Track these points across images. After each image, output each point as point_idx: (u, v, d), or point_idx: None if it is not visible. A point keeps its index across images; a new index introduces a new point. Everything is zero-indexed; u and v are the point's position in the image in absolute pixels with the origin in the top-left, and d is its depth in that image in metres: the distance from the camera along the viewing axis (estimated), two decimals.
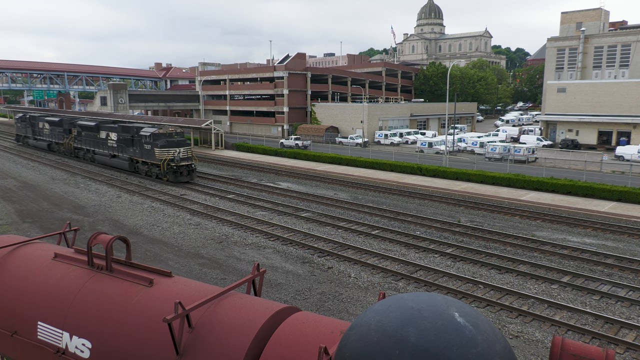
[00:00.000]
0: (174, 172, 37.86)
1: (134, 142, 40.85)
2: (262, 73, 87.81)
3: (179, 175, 38.07)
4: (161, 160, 37.90)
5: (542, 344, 13.93)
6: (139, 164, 41.20)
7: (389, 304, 3.24)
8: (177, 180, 38.03)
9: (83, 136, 50.00)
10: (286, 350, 4.51)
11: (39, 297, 6.23)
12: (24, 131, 65.80)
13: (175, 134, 39.64)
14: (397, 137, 71.40)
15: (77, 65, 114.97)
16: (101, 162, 47.09)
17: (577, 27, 75.78)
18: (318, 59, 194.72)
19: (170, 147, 38.12)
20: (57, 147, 56.89)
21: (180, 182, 38.26)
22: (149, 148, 38.85)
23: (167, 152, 37.93)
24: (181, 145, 38.94)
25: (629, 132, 60.57)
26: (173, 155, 37.96)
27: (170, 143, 38.31)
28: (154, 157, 38.50)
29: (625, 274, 19.17)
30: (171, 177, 37.97)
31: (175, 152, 38.09)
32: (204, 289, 5.69)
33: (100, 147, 46.34)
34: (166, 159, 37.70)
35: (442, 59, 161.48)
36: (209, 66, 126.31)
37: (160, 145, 38.00)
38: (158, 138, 38.47)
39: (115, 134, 43.53)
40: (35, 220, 27.12)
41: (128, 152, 41.93)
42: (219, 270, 19.59)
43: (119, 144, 43.05)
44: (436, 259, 21.01)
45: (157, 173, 39.22)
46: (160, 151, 37.89)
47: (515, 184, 35.41)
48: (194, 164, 39.36)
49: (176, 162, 37.77)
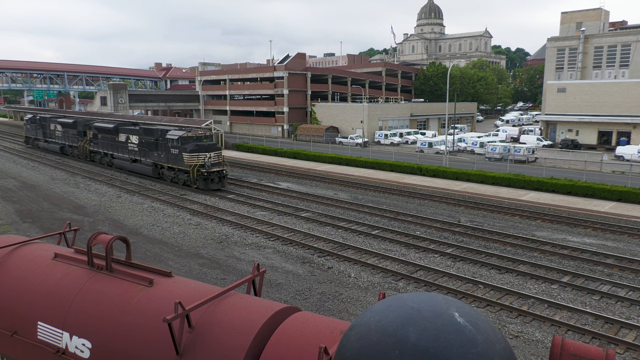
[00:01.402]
0: (205, 179, 34.79)
1: (158, 145, 37.80)
2: (262, 73, 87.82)
3: (210, 183, 34.96)
4: (190, 166, 34.81)
5: (542, 344, 13.94)
6: (164, 169, 38.19)
7: (389, 304, 3.24)
8: (207, 188, 34.92)
9: (100, 139, 46.72)
10: (286, 350, 4.51)
11: (39, 297, 6.23)
12: (33, 133, 62.60)
13: (204, 137, 36.61)
14: (397, 137, 71.41)
15: (77, 65, 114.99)
16: (120, 167, 43.96)
17: (577, 27, 75.79)
18: (318, 59, 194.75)
19: (200, 152, 34.94)
20: (71, 150, 53.77)
21: (211, 189, 35.20)
22: (176, 153, 35.82)
23: (197, 157, 34.83)
24: (212, 149, 35.58)
25: (629, 132, 60.58)
26: (203, 160, 34.87)
27: (200, 147, 35.10)
28: (181, 163, 35.44)
29: (625, 274, 19.17)
30: (201, 185, 34.79)
31: (205, 157, 34.99)
32: (204, 289, 5.69)
33: (120, 151, 43.09)
34: (196, 165, 34.65)
35: (442, 59, 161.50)
36: (208, 66, 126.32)
37: (189, 149, 34.83)
38: (187, 142, 35.37)
39: (137, 137, 40.43)
40: (35, 220, 27.12)
41: (151, 157, 38.84)
42: (219, 270, 19.60)
43: (140, 148, 40.02)
44: (436, 259, 21.02)
45: (185, 180, 36.18)
46: (190, 156, 34.84)
47: (515, 184, 35.41)
48: (226, 170, 36.27)
49: (207, 168, 34.73)
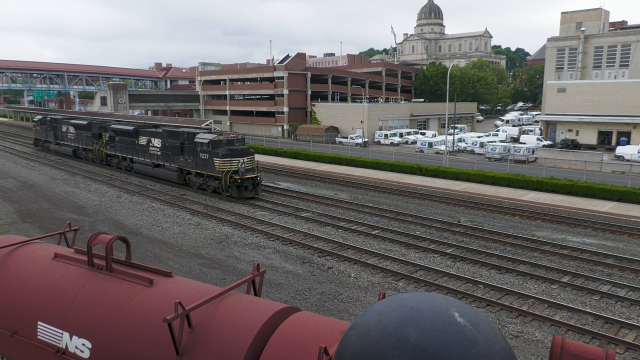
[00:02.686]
0: (238, 187, 32.09)
1: (185, 149, 35.28)
2: (262, 73, 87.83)
3: (243, 190, 32.23)
4: (222, 172, 32.19)
5: (542, 344, 13.94)
6: (191, 175, 35.53)
7: (389, 304, 3.24)
8: (240, 196, 32.24)
9: (117, 142, 43.83)
10: (286, 350, 4.51)
11: (39, 297, 6.23)
12: (44, 135, 59.52)
13: (236, 141, 33.81)
14: (397, 137, 71.43)
15: (77, 65, 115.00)
16: (141, 172, 41.21)
17: (577, 27, 75.81)
18: (318, 59, 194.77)
19: (233, 157, 32.31)
20: (85, 153, 50.83)
21: (244, 198, 32.51)
22: (205, 158, 33.17)
23: (230, 163, 32.21)
24: (245, 154, 33.05)
25: (629, 132, 60.59)
26: (237, 166, 32.34)
27: (233, 152, 32.45)
28: (212, 169, 32.85)
29: (625, 274, 19.17)
30: (234, 193, 32.08)
31: (238, 162, 32.44)
32: (204, 289, 5.69)
33: (140, 155, 40.44)
34: (229, 171, 32.07)
35: (442, 59, 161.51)
36: (209, 66, 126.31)
37: (221, 154, 32.10)
38: (218, 146, 32.68)
39: (159, 140, 37.98)
40: (35, 220, 27.12)
41: (177, 162, 36.24)
42: (219, 270, 19.60)
43: (164, 152, 37.45)
44: (436, 259, 21.01)
45: (215, 187, 33.55)
46: (222, 162, 32.15)
47: (515, 184, 35.41)
48: (260, 177, 33.56)
49: (241, 175, 32.08)
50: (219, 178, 32.77)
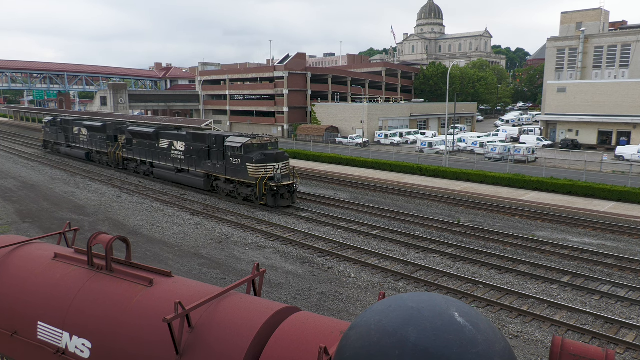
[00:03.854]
0: (274, 195, 29.73)
1: (212, 154, 32.89)
2: (262, 73, 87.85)
3: (279, 199, 29.86)
4: (256, 179, 29.84)
5: (542, 344, 13.94)
6: (220, 181, 33.22)
7: (389, 304, 3.24)
8: (277, 205, 29.89)
9: (135, 145, 41.37)
10: (286, 350, 4.51)
11: (39, 297, 6.23)
12: (54, 137, 56.95)
13: (269, 145, 31.47)
14: (397, 137, 71.44)
15: (77, 65, 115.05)
16: (162, 177, 38.82)
17: (577, 27, 75.82)
18: (318, 59, 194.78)
19: (268, 162, 29.88)
20: (99, 157, 48.20)
21: (280, 206, 30.11)
22: (237, 163, 30.79)
23: (265, 169, 29.78)
24: (280, 159, 30.58)
25: (629, 132, 60.59)
26: (272, 172, 29.87)
27: (268, 157, 29.99)
28: (244, 175, 30.50)
29: (625, 274, 19.17)
30: (270, 201, 29.77)
31: (274, 168, 30.00)
32: (204, 289, 5.69)
33: (161, 159, 38.10)
34: (263, 178, 29.72)
35: (442, 59, 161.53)
36: (209, 66, 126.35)
37: (255, 159, 29.71)
38: (251, 150, 30.40)
39: (183, 144, 35.56)
40: (35, 220, 27.13)
41: (203, 167, 33.84)
42: (219, 270, 19.60)
43: (188, 156, 35.10)
44: (436, 259, 21.02)
45: (248, 195, 31.17)
46: (256, 167, 29.77)
47: (515, 184, 35.41)
48: (296, 183, 31.35)
49: (277, 182, 29.69)
50: (252, 185, 30.47)
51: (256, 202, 30.59)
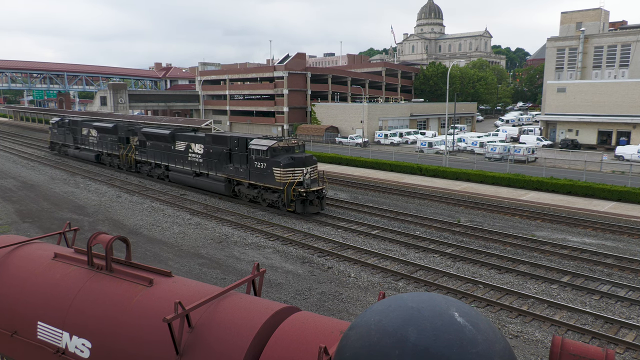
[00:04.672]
0: (303, 201, 28.04)
1: (234, 157, 31.22)
2: (262, 73, 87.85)
3: (308, 205, 28.17)
4: (284, 184, 28.12)
5: (542, 344, 13.94)
6: (242, 186, 31.44)
7: (388, 304, 3.24)
8: (305, 212, 28.19)
9: (149, 147, 39.71)
10: (286, 350, 4.51)
11: (38, 297, 6.23)
12: (62, 138, 55.12)
13: (297, 147, 29.76)
14: (397, 137, 71.46)
15: (77, 65, 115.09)
16: (178, 181, 36.95)
17: (577, 27, 75.83)
18: (318, 59, 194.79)
19: (297, 167, 28.18)
20: (110, 159, 46.43)
21: (310, 213, 28.45)
22: (262, 167, 29.10)
23: (293, 174, 28.08)
24: (308, 163, 28.86)
25: (629, 132, 60.60)
26: (301, 177, 28.20)
27: (296, 161, 28.34)
28: (270, 180, 28.81)
29: (625, 274, 19.18)
30: (298, 208, 27.98)
31: (302, 172, 28.24)
32: (204, 289, 5.69)
33: (177, 163, 36.43)
34: (292, 183, 28.01)
35: (442, 59, 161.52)
36: (208, 66, 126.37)
37: (283, 163, 28.00)
38: (278, 154, 28.73)
39: (201, 146, 33.92)
40: (35, 220, 27.13)
41: (224, 171, 32.11)
42: (218, 270, 19.60)
43: (207, 160, 33.37)
44: (436, 259, 21.02)
45: (274, 201, 29.45)
46: (283, 172, 28.00)
47: (515, 184, 35.42)
48: (325, 189, 29.40)
49: (306, 187, 27.94)
50: (279, 190, 28.73)
51: (283, 209, 28.97)
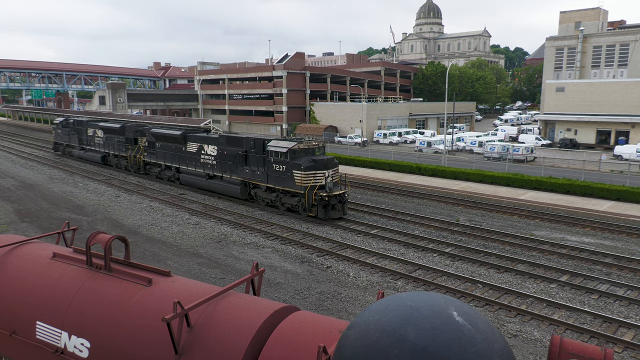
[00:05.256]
0: (325, 206, 26.66)
1: (250, 159, 30.01)
2: (261, 72, 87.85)
3: (331, 210, 26.82)
4: (304, 187, 26.77)
5: (540, 343, 13.96)
6: (260, 190, 30.13)
7: (387, 303, 3.24)
8: (328, 217, 26.77)
9: (158, 148, 38.57)
10: (285, 349, 4.51)
11: (37, 296, 6.22)
12: (66, 139, 53.64)
13: (317, 149, 28.49)
14: (396, 136, 71.50)
15: (76, 65, 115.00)
16: (190, 183, 35.82)
17: (575, 26, 75.87)
18: (317, 59, 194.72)
19: (318, 170, 26.88)
20: (117, 160, 45.08)
21: (332, 219, 27.00)
22: (281, 170, 27.83)
23: (314, 177, 26.79)
24: (330, 165, 27.56)
25: (628, 132, 60.68)
26: (323, 181, 26.91)
27: (318, 163, 26.98)
28: (290, 183, 27.46)
29: (624, 273, 19.21)
30: (320, 213, 26.69)
31: (324, 176, 26.98)
32: (203, 289, 5.69)
33: (189, 164, 35.14)
34: (314, 187, 26.64)
35: (441, 59, 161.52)
36: (207, 65, 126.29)
37: (304, 166, 26.67)
38: (299, 156, 27.43)
39: (215, 148, 32.64)
40: (33, 220, 27.10)
41: (240, 173, 30.87)
42: (217, 269, 19.59)
43: (221, 162, 32.15)
44: (435, 258, 21.03)
45: (293, 205, 28.11)
46: (304, 175, 26.70)
47: (514, 183, 35.45)
48: (348, 193, 28.45)
49: (328, 192, 26.61)
50: (298, 194, 27.47)
51: (303, 214, 27.63)
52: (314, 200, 26.69)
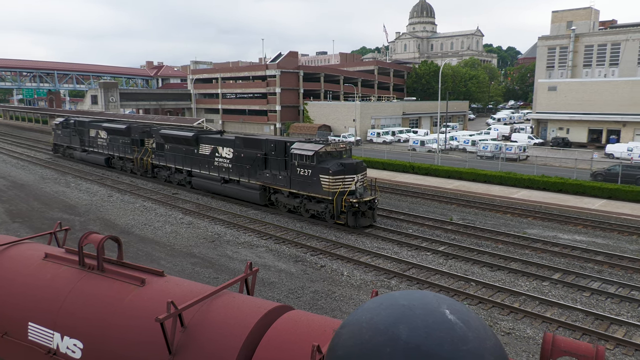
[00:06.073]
0: (355, 213, 24.87)
1: (271, 162, 28.24)
2: (254, 71, 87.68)
3: (360, 217, 25.06)
4: (332, 193, 24.91)
5: (533, 341, 14.05)
6: (281, 195, 28.29)
7: (380, 301, 3.25)
8: (358, 225, 24.99)
9: (168, 150, 36.64)
10: (279, 348, 4.51)
11: (29, 297, 6.18)
12: (66, 140, 51.56)
13: (344, 152, 26.72)
14: (390, 135, 71.59)
15: (68, 64, 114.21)
16: (203, 187, 33.99)
17: (567, 26, 76.33)
18: (310, 58, 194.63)
19: (347, 174, 25.07)
20: (122, 163, 43.26)
21: (362, 226, 25.22)
22: (306, 174, 26.03)
23: (343, 182, 24.96)
24: (359, 169, 25.83)
25: (619, 130, 61.14)
26: (353, 186, 25.12)
27: (347, 168, 25.17)
28: (316, 189, 25.61)
29: (615, 271, 19.37)
30: (350, 221, 24.87)
31: (354, 180, 25.21)
32: (197, 288, 5.68)
33: (202, 168, 33.35)
34: (343, 193, 24.90)
35: (434, 58, 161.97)
36: (201, 65, 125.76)
37: (332, 170, 24.83)
38: (325, 159, 25.65)
39: (230, 150, 30.96)
40: (25, 220, 26.90)
41: (259, 178, 29.09)
42: (211, 269, 19.55)
43: (237, 165, 30.45)
44: (428, 257, 21.10)
45: (319, 212, 26.21)
46: (332, 180, 24.80)
47: (506, 182, 35.62)
48: (378, 198, 26.74)
49: (359, 198, 24.72)
50: (325, 200, 25.61)
51: (330, 221, 25.82)
52: (343, 207, 25.01)
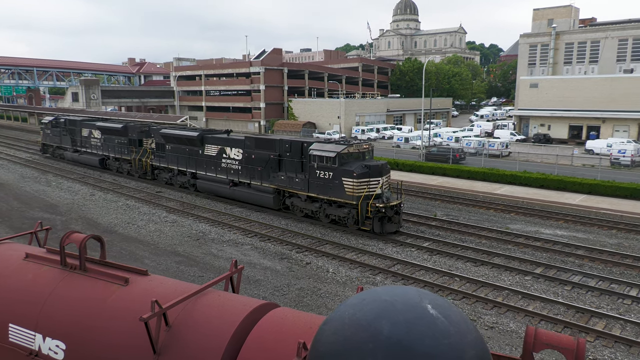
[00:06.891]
0: (381, 218, 23.28)
1: (286, 164, 26.52)
2: (238, 68, 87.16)
3: (387, 223, 23.45)
4: (357, 197, 23.26)
5: (516, 334, 14.27)
6: (297, 199, 26.63)
7: (363, 297, 3.28)
8: (384, 231, 23.44)
9: (169, 151, 34.76)
10: (265, 346, 4.52)
11: (9, 298, 6.08)
12: (56, 140, 49.11)
13: (367, 153, 24.97)
14: (374, 132, 71.84)
15: (47, 60, 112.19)
16: (209, 190, 32.26)
17: (548, 23, 77.36)
18: (294, 55, 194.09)
19: (372, 177, 23.38)
20: (117, 164, 41.23)
21: (388, 232, 23.68)
22: (327, 177, 24.31)
23: (368, 185, 23.29)
24: (384, 172, 24.13)
25: (599, 127, 62.22)
26: (379, 190, 23.52)
27: (372, 170, 23.46)
28: (339, 192, 23.91)
29: (595, 265, 19.75)
30: (376, 227, 23.30)
31: (379, 184, 23.57)
32: (181, 287, 5.65)
33: (208, 170, 31.59)
34: (367, 197, 23.29)
35: (418, 55, 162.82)
36: (183, 61, 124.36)
37: (357, 173, 23.13)
38: (348, 161, 24.00)
39: (239, 151, 29.21)
40: (4, 220, 26.41)
41: (273, 180, 27.43)
42: (196, 267, 19.44)
43: (248, 167, 28.72)
44: (413, 253, 21.26)
45: (342, 217, 24.53)
46: (357, 183, 23.13)
47: (489, 178, 36.04)
48: (403, 202, 25.57)
49: (385, 202, 23.12)
50: (348, 205, 23.88)
51: (352, 227, 24.27)
52: (368, 212, 23.39)
